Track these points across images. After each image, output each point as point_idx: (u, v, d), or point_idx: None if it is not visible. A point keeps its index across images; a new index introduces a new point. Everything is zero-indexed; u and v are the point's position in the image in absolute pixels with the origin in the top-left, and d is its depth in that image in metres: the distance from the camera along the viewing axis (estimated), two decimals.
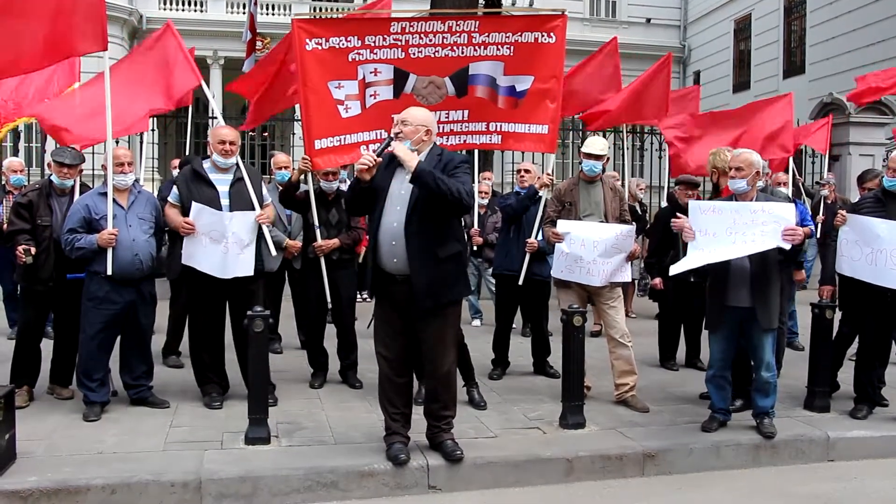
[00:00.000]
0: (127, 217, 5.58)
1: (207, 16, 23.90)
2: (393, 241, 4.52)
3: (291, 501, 4.43)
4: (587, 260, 5.89)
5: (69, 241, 5.41)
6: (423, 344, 4.68)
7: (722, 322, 5.31)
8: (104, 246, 5.39)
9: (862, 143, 13.05)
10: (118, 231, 5.44)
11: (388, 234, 4.53)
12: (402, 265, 4.52)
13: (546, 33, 6.52)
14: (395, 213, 4.54)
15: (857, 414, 5.72)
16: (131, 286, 5.55)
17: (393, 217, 4.54)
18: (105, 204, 5.49)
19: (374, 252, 4.60)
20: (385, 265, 4.57)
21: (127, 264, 5.47)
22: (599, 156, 6.15)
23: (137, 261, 5.52)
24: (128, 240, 5.50)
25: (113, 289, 5.47)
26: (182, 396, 5.93)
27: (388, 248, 4.54)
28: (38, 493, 4.17)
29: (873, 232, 5.56)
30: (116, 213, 5.52)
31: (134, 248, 5.52)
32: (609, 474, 4.90)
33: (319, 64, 6.27)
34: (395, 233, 4.51)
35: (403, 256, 4.50)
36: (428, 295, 4.51)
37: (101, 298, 5.46)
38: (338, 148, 6.41)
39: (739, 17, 24.47)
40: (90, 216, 5.48)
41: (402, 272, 4.53)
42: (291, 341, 7.93)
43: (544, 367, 6.99)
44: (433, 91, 6.52)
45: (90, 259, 5.46)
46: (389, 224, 4.53)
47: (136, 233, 5.57)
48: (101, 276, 5.43)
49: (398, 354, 4.69)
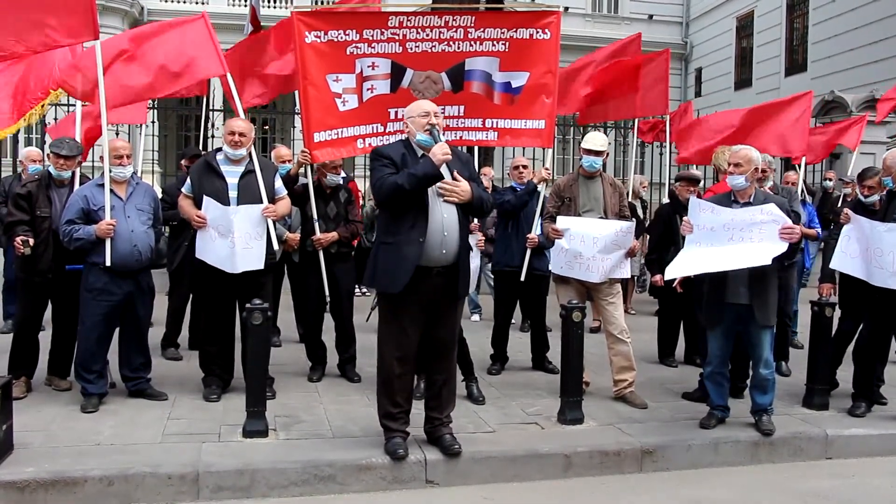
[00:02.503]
0: (125, 208, 5.57)
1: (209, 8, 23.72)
2: (445, 232, 4.53)
3: (289, 494, 4.43)
4: (586, 256, 5.88)
5: (67, 232, 5.39)
6: (440, 335, 4.71)
7: (720, 319, 5.31)
8: (102, 237, 5.38)
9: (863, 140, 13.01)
10: (116, 222, 5.42)
11: (438, 225, 4.51)
12: (450, 256, 4.56)
13: (541, 29, 6.52)
14: (442, 206, 4.54)
15: (856, 412, 5.72)
16: (130, 277, 5.53)
17: (442, 209, 4.54)
18: (103, 195, 5.48)
19: (416, 246, 4.48)
20: (430, 258, 4.51)
21: (126, 255, 5.46)
22: (599, 152, 6.13)
23: (136, 251, 5.51)
24: (126, 231, 5.49)
25: (111, 280, 5.45)
26: (180, 389, 5.92)
27: (438, 241, 4.51)
28: (35, 484, 4.17)
29: (868, 231, 5.62)
30: (115, 204, 5.50)
31: (133, 239, 5.50)
32: (607, 470, 4.90)
33: (318, 57, 6.26)
34: (448, 224, 4.54)
35: (454, 247, 4.56)
36: (463, 283, 4.66)
37: (100, 290, 5.45)
38: (335, 141, 6.40)
39: (742, 15, 24.41)
40: (88, 207, 5.46)
41: (446, 263, 4.56)
42: (290, 334, 7.93)
43: (543, 363, 6.99)
44: (430, 86, 6.51)
45: (88, 250, 5.45)
46: (440, 216, 4.52)
47: (135, 224, 5.56)
48: (99, 267, 5.42)
49: (411, 351, 4.66)
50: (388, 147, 4.75)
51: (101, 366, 5.56)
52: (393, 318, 4.64)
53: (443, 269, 4.56)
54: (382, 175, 4.52)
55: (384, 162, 4.58)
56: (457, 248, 4.59)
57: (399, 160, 4.57)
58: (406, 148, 4.68)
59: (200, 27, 6.32)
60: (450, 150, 4.48)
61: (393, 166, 4.55)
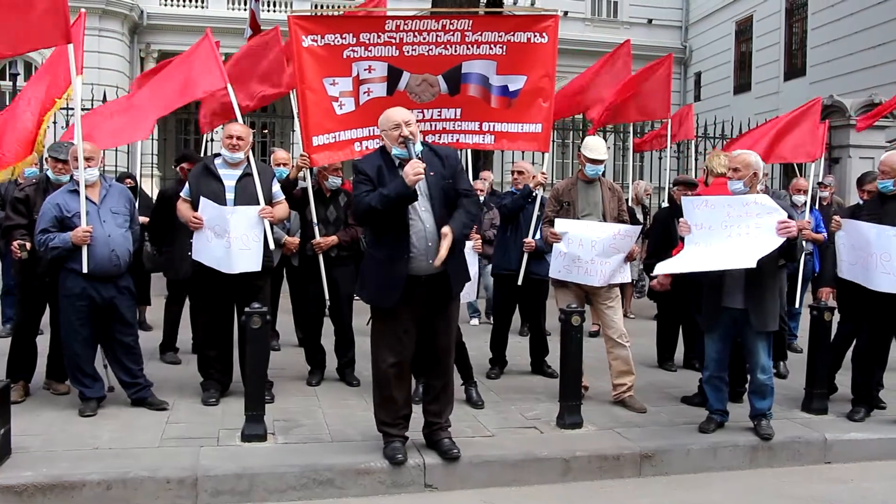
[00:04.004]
0: (100, 212, 5.43)
1: (209, 12, 23.82)
2: (429, 242, 4.50)
3: (288, 499, 4.42)
4: (585, 260, 5.87)
5: (42, 241, 5.27)
6: (437, 339, 4.70)
7: (717, 323, 5.30)
8: (79, 244, 5.25)
9: (861, 145, 13.06)
10: (92, 228, 5.30)
11: (422, 238, 4.49)
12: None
13: (538, 33, 6.52)
14: (422, 216, 4.52)
15: (855, 416, 5.71)
16: (109, 282, 5.42)
17: (423, 221, 4.52)
18: (76, 201, 5.32)
19: (403, 262, 4.46)
20: (418, 268, 4.50)
21: (104, 261, 5.34)
22: (602, 160, 6.13)
23: (115, 256, 5.39)
24: (103, 236, 5.36)
25: (90, 285, 5.34)
26: (179, 393, 5.92)
27: (423, 252, 4.49)
28: (34, 489, 4.16)
29: (864, 237, 5.60)
30: (89, 209, 5.34)
31: (110, 243, 5.37)
32: (606, 474, 4.89)
33: (315, 60, 6.27)
34: (430, 234, 4.51)
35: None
36: (455, 282, 4.63)
37: (78, 294, 5.34)
38: (333, 144, 6.41)
39: (741, 19, 24.44)
40: (62, 214, 5.32)
41: (434, 272, 4.53)
42: (289, 338, 7.92)
43: (542, 367, 6.99)
44: (426, 89, 6.52)
45: (66, 257, 5.32)
46: (420, 228, 4.50)
47: (111, 227, 5.43)
48: (77, 272, 5.30)
49: (406, 356, 4.66)
50: (365, 160, 4.71)
51: (93, 367, 5.52)
52: (386, 326, 4.63)
53: (429, 277, 4.54)
54: (359, 193, 4.51)
55: (360, 178, 4.55)
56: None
57: (375, 174, 4.53)
58: (383, 159, 4.62)
59: (205, 45, 6.39)
60: (421, 168, 4.37)
61: (369, 182, 4.51)
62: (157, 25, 22.51)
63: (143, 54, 22.96)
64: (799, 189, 8.19)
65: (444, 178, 4.61)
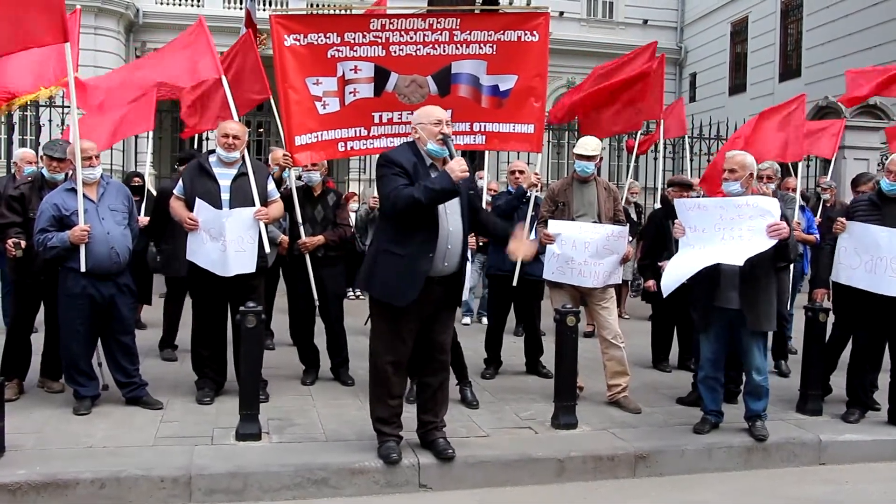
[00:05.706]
0: (98, 210, 5.41)
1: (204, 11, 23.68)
2: (450, 245, 4.51)
3: (282, 498, 4.42)
4: (578, 261, 5.88)
5: (41, 241, 5.25)
6: (437, 340, 4.72)
7: (711, 323, 5.31)
8: (77, 243, 5.23)
9: (856, 146, 13.07)
10: (91, 226, 5.28)
11: (445, 239, 4.49)
12: (452, 267, 4.57)
13: (529, 31, 6.47)
14: (449, 219, 4.52)
15: (849, 418, 5.72)
16: (108, 280, 5.40)
17: (449, 223, 4.52)
18: (74, 200, 5.30)
19: (427, 261, 4.45)
20: (434, 269, 4.49)
21: (103, 259, 5.33)
22: (591, 157, 6.13)
23: (114, 254, 5.37)
24: (102, 233, 5.34)
25: (90, 283, 5.32)
26: (174, 392, 5.91)
27: (443, 253, 4.50)
28: (27, 487, 4.14)
29: (873, 239, 5.55)
30: (87, 207, 5.32)
31: (109, 241, 5.36)
32: (600, 475, 4.89)
33: (297, 60, 6.21)
34: (454, 238, 4.53)
35: (456, 259, 4.57)
36: (462, 288, 4.76)
37: (78, 294, 5.32)
38: (315, 144, 6.36)
39: (736, 20, 24.45)
40: (60, 213, 5.29)
41: (447, 274, 4.57)
42: (284, 338, 7.90)
43: (537, 367, 6.99)
44: (415, 90, 6.46)
45: (65, 257, 5.31)
46: (446, 230, 4.50)
47: (110, 225, 5.41)
48: (77, 271, 5.29)
49: (405, 356, 4.65)
50: (397, 153, 4.57)
51: (90, 366, 5.51)
52: (390, 325, 4.59)
53: (443, 279, 4.57)
54: (397, 186, 4.39)
55: (396, 171, 4.44)
56: (458, 259, 4.60)
57: (411, 169, 4.46)
58: (415, 155, 4.55)
59: (198, 31, 6.34)
60: (467, 167, 4.37)
61: (405, 175, 4.43)
62: (152, 24, 22.41)
63: (139, 52, 22.85)
64: (788, 188, 8.18)
65: (470, 182, 4.67)
